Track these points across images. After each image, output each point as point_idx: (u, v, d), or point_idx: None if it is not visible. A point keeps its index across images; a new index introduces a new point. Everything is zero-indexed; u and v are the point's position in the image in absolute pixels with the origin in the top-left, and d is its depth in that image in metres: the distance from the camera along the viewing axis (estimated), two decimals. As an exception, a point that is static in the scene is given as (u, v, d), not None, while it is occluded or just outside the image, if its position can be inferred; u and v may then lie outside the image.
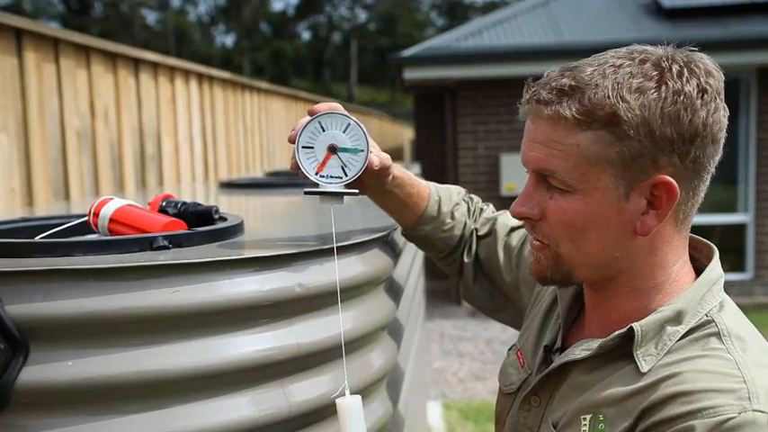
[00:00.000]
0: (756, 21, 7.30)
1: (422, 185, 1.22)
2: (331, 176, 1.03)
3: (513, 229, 1.25)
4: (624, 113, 0.83)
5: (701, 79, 0.85)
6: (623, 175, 0.86)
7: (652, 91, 0.84)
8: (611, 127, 0.84)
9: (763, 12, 7.47)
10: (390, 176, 1.14)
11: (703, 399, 0.79)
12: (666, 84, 0.84)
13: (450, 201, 1.25)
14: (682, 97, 0.84)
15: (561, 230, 0.91)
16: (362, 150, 1.04)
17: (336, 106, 1.07)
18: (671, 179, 0.85)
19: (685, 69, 0.85)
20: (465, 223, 1.26)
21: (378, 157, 1.07)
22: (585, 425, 0.88)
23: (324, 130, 1.03)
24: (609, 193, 0.87)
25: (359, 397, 0.94)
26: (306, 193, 1.04)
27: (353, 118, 1.05)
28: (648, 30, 7.36)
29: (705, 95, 0.85)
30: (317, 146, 1.03)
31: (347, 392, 0.94)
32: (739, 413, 0.77)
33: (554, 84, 0.88)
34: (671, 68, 0.85)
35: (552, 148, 0.88)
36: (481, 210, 1.30)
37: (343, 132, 1.04)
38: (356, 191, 1.06)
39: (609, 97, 0.84)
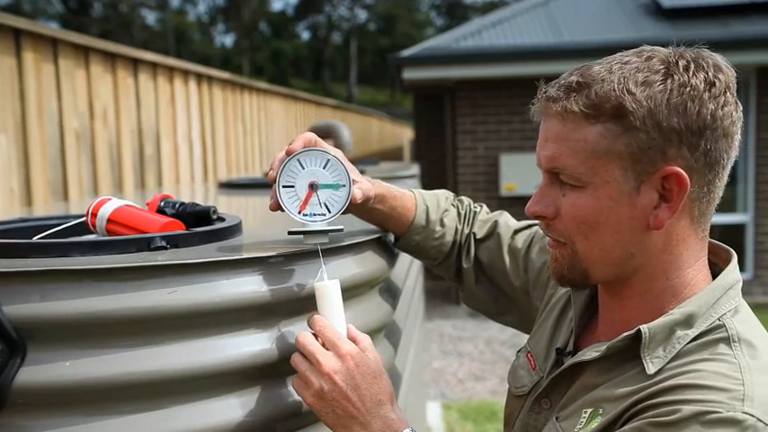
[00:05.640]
0: (756, 20, 7.31)
1: (406, 196, 1.20)
2: (314, 214, 1.02)
3: (516, 232, 1.24)
4: (630, 105, 0.85)
5: (709, 73, 0.86)
6: (632, 167, 0.87)
7: (658, 83, 0.85)
8: (618, 119, 0.86)
9: (763, 12, 7.48)
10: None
11: (697, 393, 0.79)
12: (672, 77, 0.86)
13: (438, 208, 1.24)
14: (688, 89, 0.85)
15: (575, 227, 0.91)
16: (344, 185, 1.03)
17: (314, 139, 1.06)
18: (680, 170, 0.86)
19: (692, 64, 0.87)
20: (456, 228, 1.25)
21: (360, 189, 1.07)
22: (585, 416, 0.89)
23: (303, 168, 1.02)
24: (619, 187, 0.88)
25: (337, 281, 0.97)
26: (290, 233, 1.03)
27: (333, 153, 1.03)
28: (648, 30, 7.36)
29: (713, 89, 0.86)
30: (298, 184, 1.01)
31: (325, 276, 0.97)
32: (727, 411, 0.77)
33: (563, 81, 0.91)
34: (677, 63, 0.87)
35: (561, 144, 0.90)
36: (474, 212, 1.28)
37: (324, 168, 1.02)
38: (341, 227, 1.05)
39: (615, 90, 0.85)
